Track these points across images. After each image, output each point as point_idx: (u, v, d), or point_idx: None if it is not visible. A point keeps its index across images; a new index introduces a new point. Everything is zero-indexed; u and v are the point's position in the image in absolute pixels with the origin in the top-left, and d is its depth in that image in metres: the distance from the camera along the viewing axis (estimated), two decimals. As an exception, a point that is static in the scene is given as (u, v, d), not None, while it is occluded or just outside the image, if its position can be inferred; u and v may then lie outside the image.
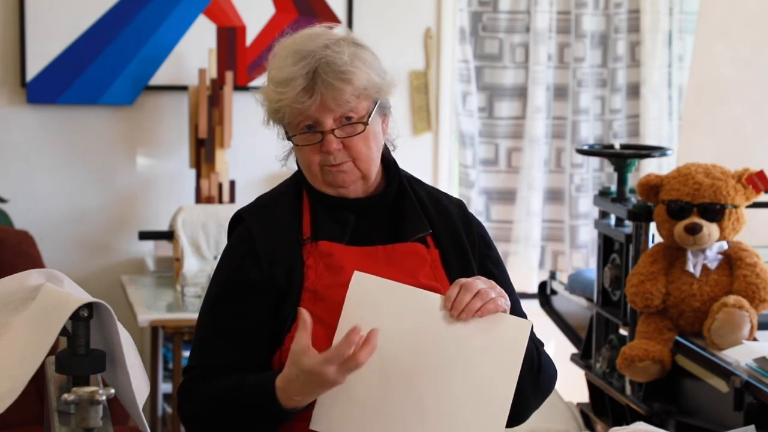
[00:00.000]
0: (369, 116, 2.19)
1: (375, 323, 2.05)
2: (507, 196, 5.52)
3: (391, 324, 2.07)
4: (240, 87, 5.12)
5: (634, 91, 5.55)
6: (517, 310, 2.19)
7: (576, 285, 4.35)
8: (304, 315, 2.04)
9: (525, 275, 5.46)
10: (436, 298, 2.10)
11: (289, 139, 2.21)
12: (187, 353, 4.41)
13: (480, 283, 2.10)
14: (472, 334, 2.08)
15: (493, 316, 2.09)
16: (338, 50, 2.15)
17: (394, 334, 2.07)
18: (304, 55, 2.15)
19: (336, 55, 2.14)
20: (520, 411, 2.18)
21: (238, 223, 2.29)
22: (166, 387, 4.75)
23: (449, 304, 2.08)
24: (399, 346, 2.07)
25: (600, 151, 4.30)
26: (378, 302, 2.08)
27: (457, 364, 2.08)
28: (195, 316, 4.28)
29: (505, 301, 2.12)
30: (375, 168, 2.23)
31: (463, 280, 2.11)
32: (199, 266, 4.65)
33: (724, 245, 3.59)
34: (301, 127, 2.18)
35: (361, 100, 2.17)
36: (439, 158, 5.44)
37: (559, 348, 4.66)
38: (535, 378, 2.21)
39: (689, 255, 3.59)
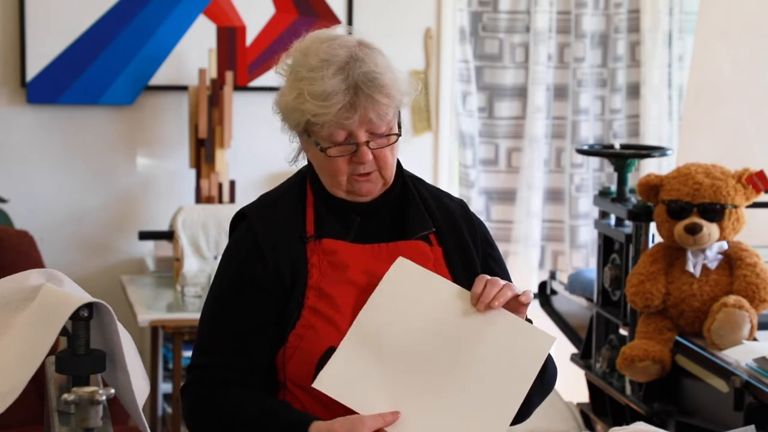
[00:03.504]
0: (399, 127, 2.22)
1: (402, 307, 2.12)
2: (507, 196, 5.52)
3: (418, 310, 2.13)
4: (240, 87, 5.12)
5: (634, 91, 5.55)
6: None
7: (576, 285, 4.35)
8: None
9: (525, 275, 5.46)
10: (469, 295, 2.14)
11: (322, 150, 2.19)
12: (187, 353, 4.43)
13: (501, 280, 2.15)
14: (496, 335, 2.11)
15: (520, 324, 2.13)
16: (372, 62, 2.16)
17: (419, 320, 2.12)
18: (341, 67, 2.15)
19: (374, 69, 2.15)
20: (524, 408, 2.19)
21: (240, 221, 2.29)
22: (166, 387, 4.75)
23: (475, 299, 2.12)
24: (420, 331, 2.11)
25: (600, 151, 4.30)
26: (411, 288, 2.14)
27: (475, 360, 2.10)
28: (195, 316, 4.30)
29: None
30: (394, 173, 2.25)
31: (486, 276, 2.16)
32: (199, 266, 4.65)
33: (724, 245, 3.59)
34: (334, 139, 2.17)
35: (393, 110, 2.19)
36: (439, 158, 5.44)
37: (559, 348, 4.65)
38: (541, 376, 2.21)
39: (689, 255, 3.58)
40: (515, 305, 2.15)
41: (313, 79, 2.15)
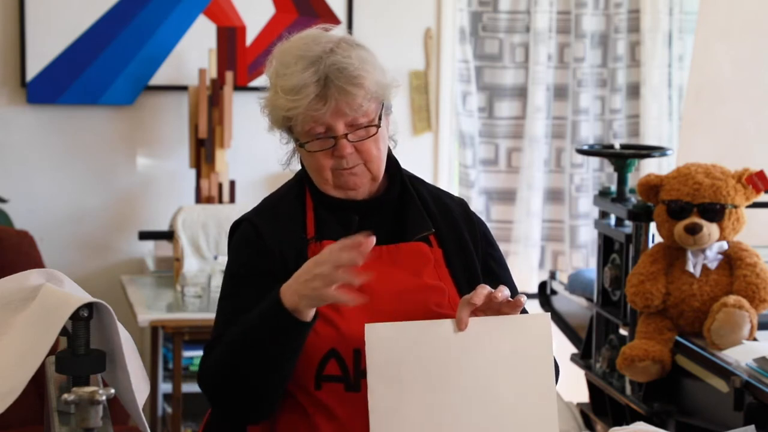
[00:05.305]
0: (379, 118, 2.20)
1: (403, 366, 2.06)
2: (507, 196, 5.52)
3: (420, 361, 2.07)
4: (240, 87, 5.12)
5: (634, 91, 5.55)
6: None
7: (576, 285, 4.35)
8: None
9: (525, 275, 5.46)
10: (450, 323, 2.09)
11: (301, 146, 2.20)
12: (187, 353, 4.44)
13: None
14: (498, 343, 2.09)
15: (510, 320, 2.10)
16: (345, 54, 2.16)
17: (426, 369, 2.07)
18: (312, 61, 2.15)
19: (345, 60, 2.15)
20: None
21: (240, 226, 2.29)
22: (166, 387, 4.74)
23: (478, 298, 2.06)
24: (435, 378, 2.07)
25: (600, 151, 4.30)
26: (398, 346, 2.07)
27: (495, 376, 2.08)
28: (195, 316, 4.31)
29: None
30: (383, 168, 2.25)
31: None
32: (199, 266, 4.65)
33: (724, 245, 3.59)
34: (312, 133, 2.18)
35: (371, 102, 2.18)
36: (439, 158, 5.44)
37: (559, 348, 4.65)
38: None
39: (689, 255, 3.58)
40: (508, 310, 2.12)
41: (285, 75, 2.16)
